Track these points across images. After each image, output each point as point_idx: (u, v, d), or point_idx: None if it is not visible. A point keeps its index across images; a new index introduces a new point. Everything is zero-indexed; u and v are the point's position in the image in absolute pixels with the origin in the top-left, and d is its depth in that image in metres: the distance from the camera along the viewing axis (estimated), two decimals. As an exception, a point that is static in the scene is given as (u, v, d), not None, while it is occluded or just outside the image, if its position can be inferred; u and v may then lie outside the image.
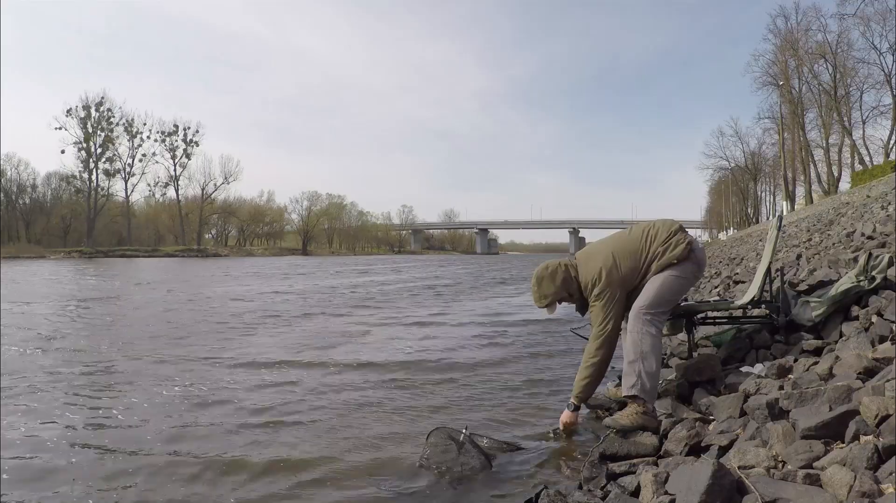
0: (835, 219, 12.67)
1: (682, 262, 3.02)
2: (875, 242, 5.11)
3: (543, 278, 3.17)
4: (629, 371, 2.87)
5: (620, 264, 3.05)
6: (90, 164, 75.61)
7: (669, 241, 3.04)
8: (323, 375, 4.79)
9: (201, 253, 73.65)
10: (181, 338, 6.84)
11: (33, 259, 53.39)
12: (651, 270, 3.04)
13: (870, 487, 1.47)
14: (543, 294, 3.17)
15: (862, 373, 2.31)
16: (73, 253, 62.67)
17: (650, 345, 2.86)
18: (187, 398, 4.07)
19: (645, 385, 2.82)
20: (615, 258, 3.06)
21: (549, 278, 3.16)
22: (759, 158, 59.02)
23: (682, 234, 3.09)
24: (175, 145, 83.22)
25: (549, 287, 3.15)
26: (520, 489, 2.48)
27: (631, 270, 3.05)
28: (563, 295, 3.16)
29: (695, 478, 1.72)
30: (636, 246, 3.08)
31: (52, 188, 78.02)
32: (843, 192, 30.40)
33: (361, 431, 3.29)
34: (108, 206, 78.67)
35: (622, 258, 3.06)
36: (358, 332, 7.43)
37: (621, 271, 3.04)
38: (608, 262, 3.05)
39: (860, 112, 37.40)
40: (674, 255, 3.00)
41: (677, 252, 3.01)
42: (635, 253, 3.06)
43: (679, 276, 3.02)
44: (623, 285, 3.05)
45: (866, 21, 33.46)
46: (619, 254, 3.07)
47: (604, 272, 3.03)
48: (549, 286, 3.16)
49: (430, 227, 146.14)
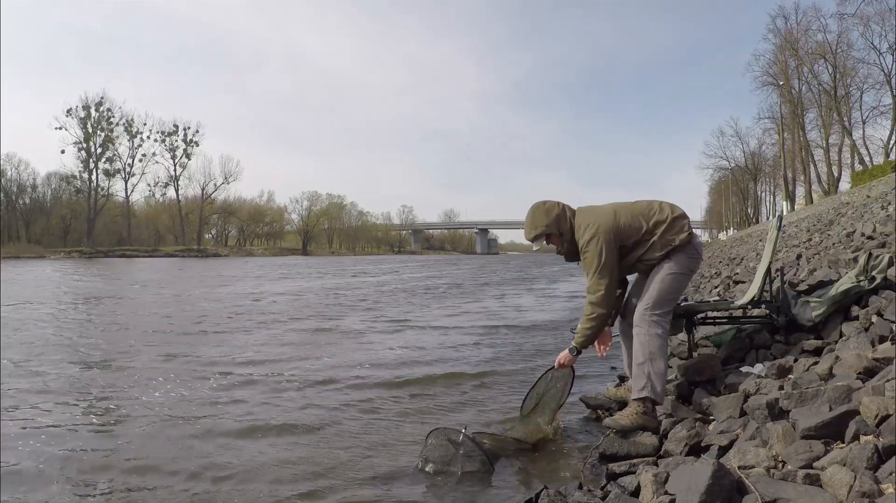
0: (835, 219, 12.67)
1: (679, 252, 3.00)
2: (875, 242, 5.11)
3: (538, 210, 3.12)
4: (638, 373, 2.85)
5: (619, 218, 3.02)
6: (90, 164, 75.61)
7: (674, 222, 3.03)
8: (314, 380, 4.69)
9: (201, 253, 73.64)
10: (171, 341, 6.83)
11: (33, 259, 53.38)
12: (655, 236, 2.99)
13: (870, 487, 1.47)
14: (535, 224, 3.10)
15: (862, 373, 2.30)
16: (73, 253, 62.67)
17: (658, 346, 2.85)
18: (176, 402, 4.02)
19: (655, 387, 2.82)
20: (615, 212, 3.05)
21: (544, 211, 3.10)
22: (759, 158, 59.06)
23: (686, 219, 3.09)
24: (175, 145, 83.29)
25: (541, 219, 3.09)
26: (520, 489, 2.48)
27: (629, 227, 3.01)
28: (553, 230, 3.09)
29: (695, 478, 1.72)
30: (641, 209, 3.06)
31: (52, 188, 78.12)
32: (843, 192, 30.40)
33: (356, 436, 3.26)
34: (108, 206, 78.65)
35: (622, 215, 3.04)
36: (354, 334, 7.42)
37: (619, 223, 3.00)
38: (607, 213, 3.04)
39: (860, 112, 37.48)
40: (679, 237, 2.99)
41: (683, 235, 3.00)
42: (639, 215, 3.04)
43: (678, 273, 3.01)
44: (618, 235, 2.99)
45: (866, 21, 33.52)
46: (620, 210, 3.06)
47: (600, 220, 3.00)
48: (542, 218, 3.10)
49: (430, 226, 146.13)
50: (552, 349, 5.89)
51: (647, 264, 3.07)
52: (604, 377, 4.49)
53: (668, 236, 2.99)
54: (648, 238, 3.00)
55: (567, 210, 3.13)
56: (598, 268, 2.96)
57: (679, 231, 3.01)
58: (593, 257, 2.98)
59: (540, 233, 3.11)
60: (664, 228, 3.00)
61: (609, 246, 2.96)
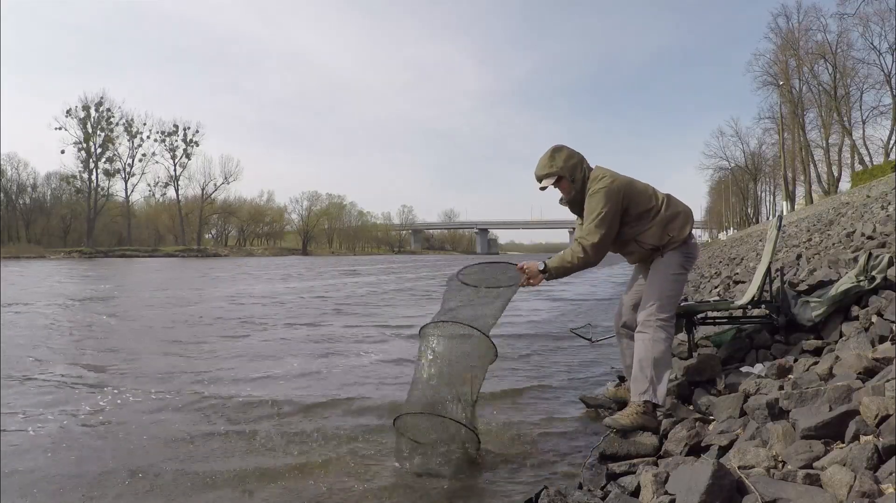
0: (835, 219, 12.67)
1: (675, 250, 3.00)
2: (875, 242, 5.11)
3: (558, 151, 3.04)
4: (640, 377, 2.84)
5: (635, 183, 3.03)
6: (90, 164, 75.62)
7: (682, 216, 3.03)
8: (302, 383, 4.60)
9: (201, 253, 73.62)
10: (157, 344, 6.79)
11: (33, 259, 53.37)
12: (658, 216, 2.98)
13: (870, 487, 1.47)
14: (551, 163, 3.00)
15: (862, 373, 2.31)
16: (73, 253, 62.64)
17: (662, 351, 2.85)
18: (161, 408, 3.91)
19: (658, 392, 2.82)
20: (630, 180, 3.04)
21: (565, 155, 3.02)
22: (759, 158, 59.04)
23: (691, 221, 3.10)
24: (175, 145, 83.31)
25: (559, 160, 3.00)
26: (520, 489, 2.48)
27: (641, 194, 3.00)
28: (566, 174, 2.99)
29: (695, 478, 1.72)
30: (656, 191, 3.07)
31: (52, 188, 78.06)
32: (843, 192, 30.41)
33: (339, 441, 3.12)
34: (108, 206, 78.63)
35: (639, 183, 3.05)
36: (351, 339, 7.42)
37: (632, 188, 2.99)
38: (623, 177, 3.02)
39: (860, 112, 37.51)
40: (678, 231, 2.99)
41: (683, 233, 3.00)
42: (653, 192, 3.05)
43: (678, 274, 3.01)
44: (627, 195, 2.96)
45: (865, 21, 33.54)
46: (635, 181, 3.06)
47: (616, 176, 2.99)
48: (559, 159, 3.00)
49: (430, 227, 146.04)
50: (550, 351, 5.87)
51: (639, 248, 3.03)
52: (604, 377, 4.49)
53: (670, 225, 2.98)
54: (653, 216, 2.99)
55: (585, 161, 3.07)
56: (599, 215, 2.90)
57: (681, 226, 3.01)
58: (598, 203, 2.91)
59: (553, 172, 3.00)
60: (669, 215, 2.99)
61: (616, 199, 2.92)
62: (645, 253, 3.06)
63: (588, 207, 2.97)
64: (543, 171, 3.03)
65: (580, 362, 5.20)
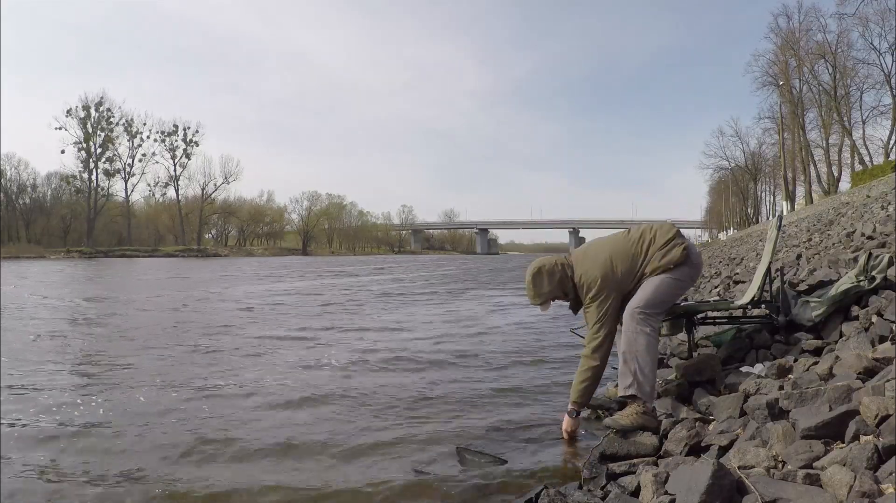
0: (835, 219, 12.67)
1: (678, 266, 3.02)
2: (875, 242, 5.10)
3: (539, 276, 3.15)
4: (624, 371, 2.88)
5: (617, 267, 3.04)
6: (90, 164, 75.73)
7: (667, 245, 3.03)
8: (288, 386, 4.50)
9: (201, 253, 73.64)
10: (145, 345, 6.81)
11: (33, 259, 53.35)
12: (646, 274, 3.03)
13: (870, 487, 1.47)
14: (539, 292, 3.15)
15: (862, 373, 2.31)
16: (73, 253, 62.64)
17: (644, 344, 2.86)
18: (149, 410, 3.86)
19: (642, 385, 2.82)
20: (612, 261, 3.05)
21: (547, 276, 3.14)
22: (759, 158, 59.07)
23: (679, 238, 3.09)
24: (175, 145, 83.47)
25: (544, 286, 3.14)
26: (520, 489, 2.48)
27: (627, 273, 3.04)
28: (557, 293, 3.16)
29: (695, 478, 1.72)
30: (634, 249, 3.07)
31: (52, 188, 78.16)
32: (843, 192, 30.42)
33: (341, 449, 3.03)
34: (108, 206, 78.69)
35: (619, 261, 3.05)
36: (349, 339, 7.41)
37: (617, 275, 3.03)
38: (605, 266, 3.04)
39: (860, 112, 37.53)
40: (670, 260, 3.00)
41: (674, 256, 3.00)
42: (633, 256, 3.06)
43: (675, 279, 3.02)
44: (619, 288, 3.05)
45: (865, 21, 33.55)
46: (616, 257, 3.06)
47: (599, 275, 3.02)
48: (544, 285, 3.14)
49: (430, 227, 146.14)
50: (548, 351, 5.87)
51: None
52: (603, 377, 4.48)
53: (662, 263, 3.01)
54: (644, 271, 3.04)
55: (566, 268, 3.15)
56: (598, 320, 3.03)
57: (672, 249, 3.02)
58: (595, 311, 3.04)
59: (545, 300, 3.17)
60: (659, 255, 3.02)
61: (609, 299, 3.02)
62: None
63: (587, 316, 3.11)
64: (536, 300, 3.19)
65: (575, 364, 5.18)
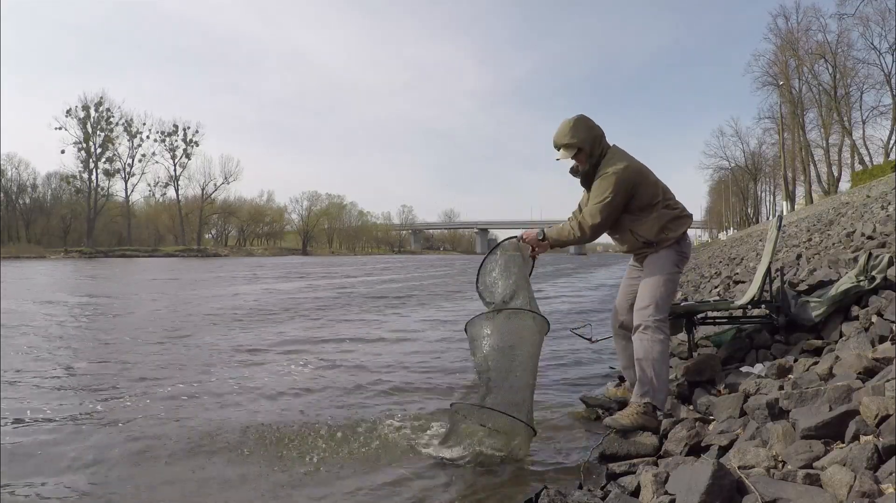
0: (835, 219, 12.67)
1: (669, 248, 3.02)
2: (875, 242, 5.10)
3: (584, 122, 2.99)
4: (643, 378, 2.87)
5: (648, 174, 3.01)
6: (90, 164, 75.58)
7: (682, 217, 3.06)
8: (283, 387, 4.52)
9: (201, 253, 73.59)
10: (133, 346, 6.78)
11: (33, 259, 53.35)
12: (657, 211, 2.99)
13: (870, 487, 1.47)
14: (573, 133, 2.95)
15: (862, 373, 2.31)
16: (73, 253, 62.63)
17: (660, 351, 2.86)
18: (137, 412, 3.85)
19: (658, 392, 2.84)
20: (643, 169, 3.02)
21: (588, 125, 2.98)
22: (759, 158, 59.13)
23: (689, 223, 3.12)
24: (175, 145, 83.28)
25: (582, 131, 2.95)
26: (520, 489, 2.48)
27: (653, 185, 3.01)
28: (586, 147, 2.96)
29: (695, 478, 1.72)
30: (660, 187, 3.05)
31: (52, 188, 77.99)
32: (843, 192, 30.42)
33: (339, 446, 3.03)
34: (107, 206, 78.56)
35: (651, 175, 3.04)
36: (347, 339, 7.41)
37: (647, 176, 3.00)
38: (635, 163, 3.00)
39: (860, 112, 37.59)
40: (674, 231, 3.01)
41: (678, 232, 3.02)
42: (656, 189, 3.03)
43: (672, 274, 3.02)
44: (638, 186, 2.96)
45: (865, 21, 33.60)
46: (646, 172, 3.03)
47: (629, 163, 2.96)
48: (582, 130, 2.96)
49: (429, 227, 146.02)
50: (547, 352, 5.86)
51: (633, 238, 3.06)
52: (603, 377, 4.49)
53: (669, 224, 3.00)
54: (654, 212, 3.00)
55: (605, 137, 3.05)
56: (604, 200, 2.92)
57: (678, 227, 3.03)
58: (607, 187, 2.91)
59: (574, 143, 2.95)
60: (670, 214, 3.01)
61: (626, 187, 2.93)
62: (637, 244, 3.08)
63: (596, 188, 2.97)
64: (563, 139, 2.98)
65: (580, 362, 5.20)
